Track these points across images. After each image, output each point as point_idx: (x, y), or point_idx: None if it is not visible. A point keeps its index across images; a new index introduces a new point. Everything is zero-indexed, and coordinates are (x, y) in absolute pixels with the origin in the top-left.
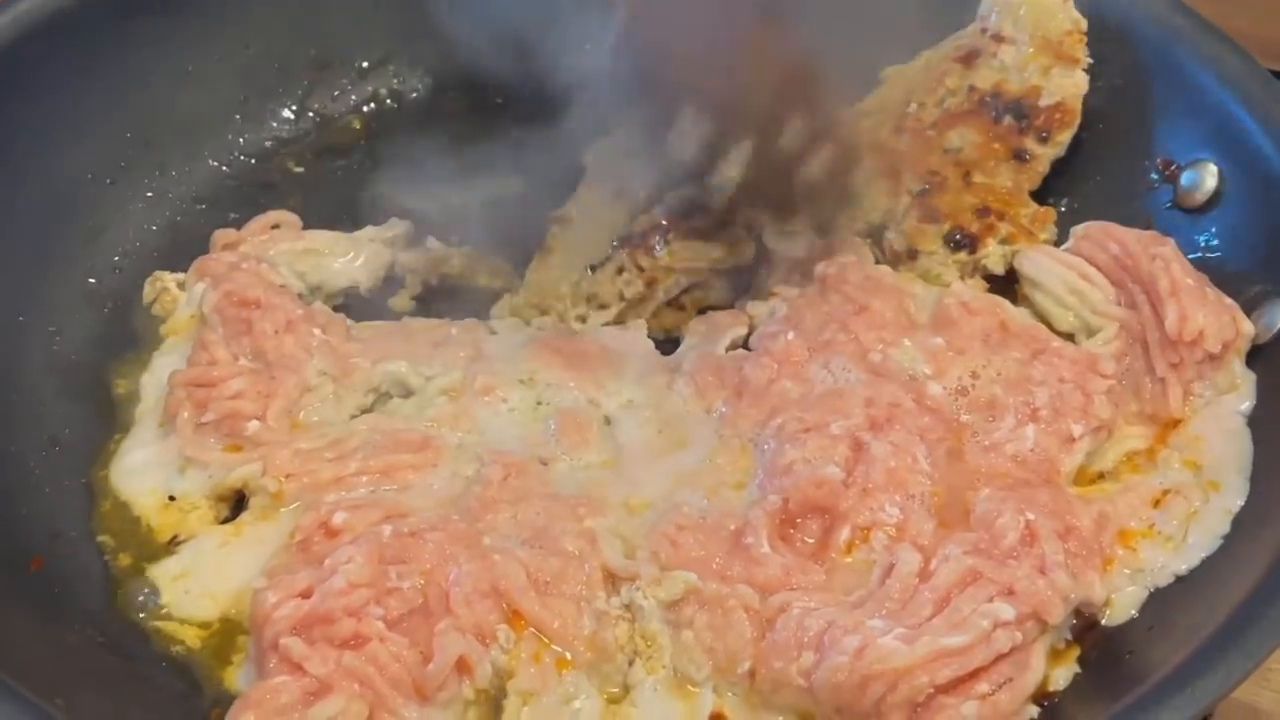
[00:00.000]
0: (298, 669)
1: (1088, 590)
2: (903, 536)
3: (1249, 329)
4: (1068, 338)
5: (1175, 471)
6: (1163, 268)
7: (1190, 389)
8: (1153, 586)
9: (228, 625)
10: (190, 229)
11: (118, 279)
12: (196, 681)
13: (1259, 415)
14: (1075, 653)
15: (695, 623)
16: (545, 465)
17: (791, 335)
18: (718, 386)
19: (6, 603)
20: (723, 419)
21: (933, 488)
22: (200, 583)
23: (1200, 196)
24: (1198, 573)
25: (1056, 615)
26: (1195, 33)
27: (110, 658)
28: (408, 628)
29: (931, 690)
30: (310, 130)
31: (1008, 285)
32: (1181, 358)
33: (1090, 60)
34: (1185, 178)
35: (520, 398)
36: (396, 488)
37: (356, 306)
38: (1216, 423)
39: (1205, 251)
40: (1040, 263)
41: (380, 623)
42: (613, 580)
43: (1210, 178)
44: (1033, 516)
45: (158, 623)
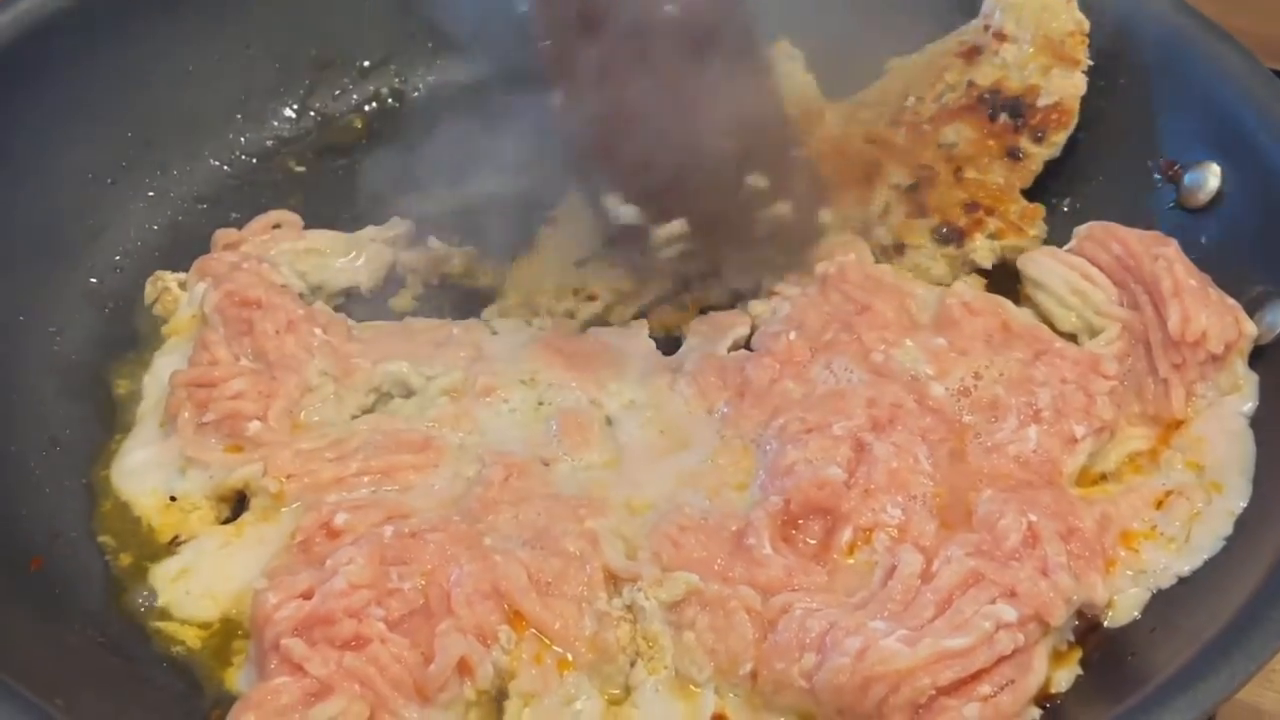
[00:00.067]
0: (298, 670)
1: (1090, 592)
2: (905, 538)
3: (1251, 330)
4: (1070, 338)
5: (1178, 472)
6: (1165, 268)
7: (1193, 390)
8: (1155, 588)
9: (228, 626)
10: (191, 228)
11: (119, 279)
12: (197, 682)
13: (1261, 416)
14: (1077, 654)
15: (697, 624)
16: (547, 466)
17: (793, 335)
18: (720, 387)
19: (7, 603)
20: (724, 419)
21: (935, 489)
22: (201, 583)
23: (1203, 197)
24: (1200, 574)
25: (1059, 617)
26: (1198, 32)
27: (111, 658)
28: (409, 629)
29: (933, 692)
30: (311, 129)
31: (1010, 285)
32: (1184, 358)
33: (1091, 62)
34: (1188, 178)
35: (522, 398)
36: (398, 488)
37: (358, 306)
38: (1219, 424)
39: (1207, 252)
40: (1043, 263)
41: (381, 624)
42: (614, 581)
43: (1213, 178)
44: (1035, 518)
45: (158, 623)
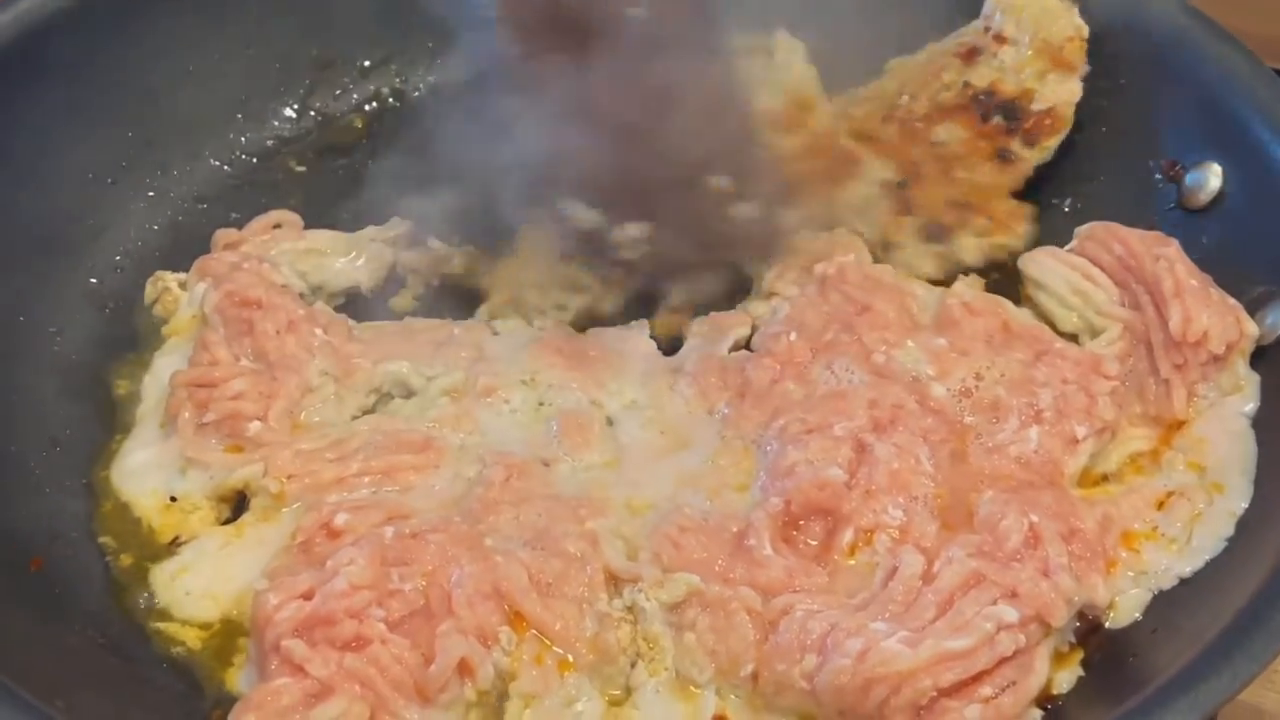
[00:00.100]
0: (299, 671)
1: (1091, 593)
2: (906, 539)
3: (1253, 330)
4: (1071, 339)
5: (1179, 473)
6: (1167, 268)
7: (1194, 390)
8: (1156, 589)
9: (229, 626)
10: (192, 229)
11: (119, 279)
12: (197, 683)
13: (1263, 417)
14: (1079, 655)
15: (697, 625)
16: (547, 466)
17: (794, 336)
18: (720, 387)
19: (7, 604)
20: (725, 420)
21: (936, 490)
22: (201, 584)
23: (1204, 197)
24: (1202, 575)
25: (1060, 618)
26: (1200, 32)
27: (111, 659)
28: (409, 629)
29: (935, 693)
30: (312, 129)
31: (1011, 286)
32: (1185, 359)
33: (1089, 67)
34: (1189, 178)
35: (522, 399)
36: (398, 489)
37: (358, 307)
38: (1220, 424)
39: (1209, 252)
40: (1044, 263)
41: (382, 624)
42: (615, 582)
43: (1214, 178)
44: (1036, 518)
45: (158, 624)
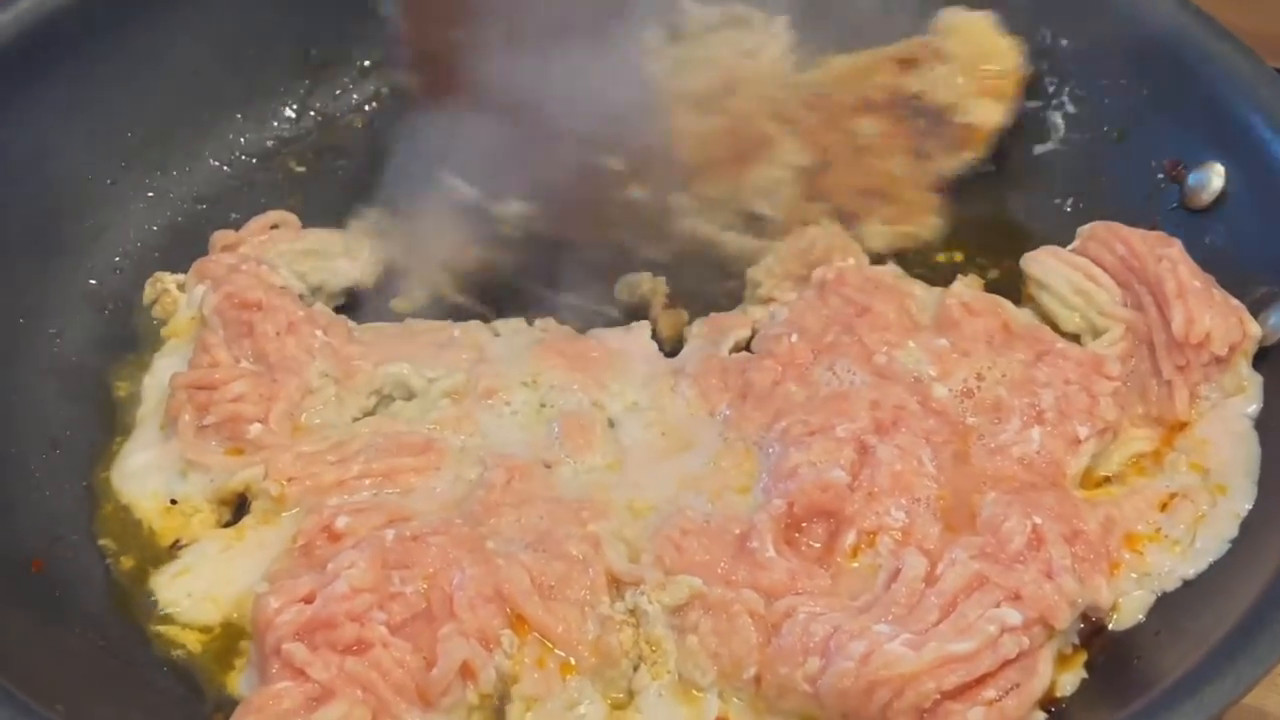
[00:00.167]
0: (300, 674)
1: (1094, 594)
2: (908, 541)
3: (1256, 331)
4: (1073, 339)
5: (1182, 475)
6: (1169, 269)
7: (1196, 391)
8: (1160, 591)
9: (230, 630)
10: (191, 229)
11: (118, 279)
12: (198, 686)
13: (1266, 418)
14: (1082, 658)
15: (700, 628)
16: (549, 468)
17: (795, 338)
18: (722, 389)
19: (7, 606)
20: (727, 422)
21: (938, 491)
22: (202, 587)
23: (1207, 197)
24: (1205, 577)
25: (1063, 620)
26: (1202, 31)
27: (111, 662)
28: (411, 633)
29: (938, 696)
30: (312, 129)
31: (1013, 286)
32: (1188, 360)
33: (1020, 101)
34: (1192, 178)
35: (523, 400)
36: (399, 491)
37: (359, 308)
38: (1223, 425)
39: (1211, 252)
40: (1046, 263)
41: (383, 628)
42: (617, 585)
43: (1217, 178)
44: (1039, 520)
45: (159, 627)
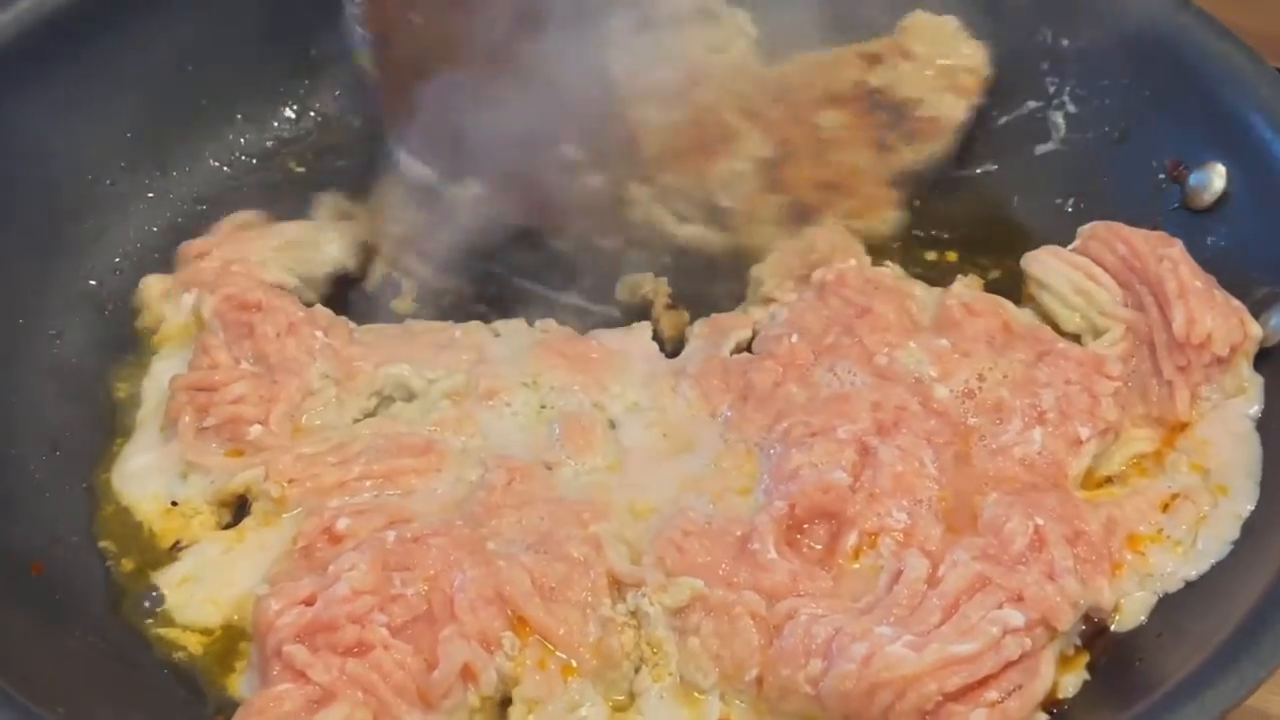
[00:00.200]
0: (301, 676)
1: (1097, 596)
2: (910, 542)
3: (1257, 332)
4: (1074, 339)
5: (1183, 475)
6: (1170, 269)
7: (1197, 392)
8: (1162, 592)
9: (230, 632)
10: (191, 230)
11: (118, 280)
12: (199, 688)
13: (1267, 419)
14: (1084, 659)
15: (701, 629)
16: (550, 469)
17: (796, 339)
18: (723, 390)
19: (7, 608)
20: (728, 423)
21: (940, 492)
22: (203, 589)
23: (1208, 197)
24: (1207, 578)
25: (1065, 621)
26: (1203, 31)
27: (112, 664)
28: (412, 634)
29: (940, 698)
30: (312, 130)
31: (1013, 286)
32: (1189, 360)
33: (980, 100)
34: (1193, 178)
35: (524, 401)
36: (400, 492)
37: (359, 309)
38: (1224, 426)
39: (1213, 253)
40: (1047, 263)
41: (384, 630)
42: (618, 586)
43: (1218, 178)
44: (1041, 521)
45: (160, 629)
